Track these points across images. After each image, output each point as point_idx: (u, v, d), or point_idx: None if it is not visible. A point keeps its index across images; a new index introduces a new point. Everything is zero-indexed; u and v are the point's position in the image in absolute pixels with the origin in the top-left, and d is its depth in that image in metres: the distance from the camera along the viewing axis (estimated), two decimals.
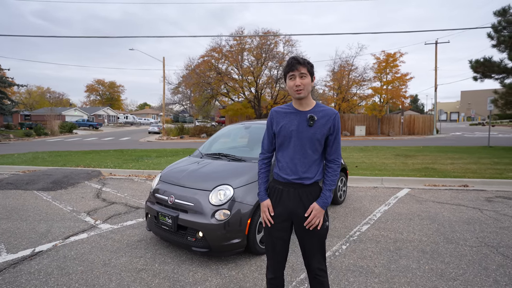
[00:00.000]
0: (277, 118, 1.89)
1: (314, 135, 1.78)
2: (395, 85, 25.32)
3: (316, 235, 1.83)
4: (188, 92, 38.01)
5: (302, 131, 1.79)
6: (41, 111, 48.69)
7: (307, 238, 1.85)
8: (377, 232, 3.88)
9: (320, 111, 1.81)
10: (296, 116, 1.82)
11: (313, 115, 1.78)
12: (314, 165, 1.82)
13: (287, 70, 1.79)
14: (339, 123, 1.82)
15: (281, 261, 1.92)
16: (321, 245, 1.86)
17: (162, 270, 2.94)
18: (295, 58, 1.77)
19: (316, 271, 1.86)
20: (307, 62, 1.78)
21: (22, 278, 2.80)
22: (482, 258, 3.12)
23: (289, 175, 1.82)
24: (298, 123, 1.80)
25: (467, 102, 67.99)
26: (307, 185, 1.82)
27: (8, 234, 3.88)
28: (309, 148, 1.79)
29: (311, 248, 1.85)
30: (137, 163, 9.90)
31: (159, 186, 3.55)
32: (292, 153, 1.82)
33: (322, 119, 1.79)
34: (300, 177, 1.81)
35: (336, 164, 1.85)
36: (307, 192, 1.82)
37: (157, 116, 75.98)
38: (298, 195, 1.82)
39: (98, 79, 71.01)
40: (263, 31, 26.37)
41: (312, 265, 1.86)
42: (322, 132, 1.78)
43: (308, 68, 1.77)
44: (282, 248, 1.89)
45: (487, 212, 4.66)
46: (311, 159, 1.81)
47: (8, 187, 6.52)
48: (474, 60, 14.38)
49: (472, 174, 7.30)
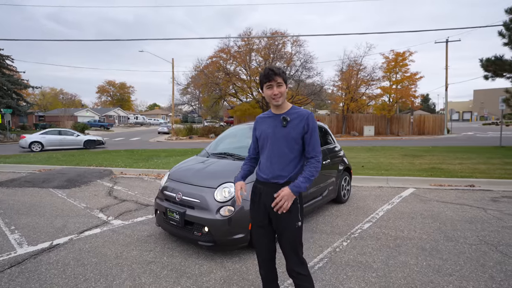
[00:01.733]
0: (259, 124, 2.07)
1: (289, 134, 1.90)
2: (404, 84, 25.09)
3: (287, 235, 1.89)
4: (197, 93, 38.46)
5: (278, 131, 1.93)
6: (54, 112, 50.03)
7: (280, 237, 1.94)
8: (378, 230, 3.97)
9: (294, 112, 1.95)
10: (273, 119, 1.99)
11: (286, 116, 1.93)
12: (291, 164, 1.92)
13: (264, 80, 1.91)
14: (313, 123, 1.92)
15: (269, 258, 2.04)
16: (294, 246, 1.90)
17: (170, 263, 3.12)
18: (271, 69, 1.90)
19: (292, 273, 1.92)
20: (282, 72, 1.92)
21: (42, 268, 3.02)
22: (481, 255, 3.19)
23: (267, 174, 1.96)
24: (274, 125, 1.96)
25: (480, 101, 66.50)
26: (281, 184, 1.91)
27: (28, 228, 4.13)
28: (286, 147, 1.91)
29: (284, 248, 1.93)
30: (147, 162, 10.18)
31: (167, 184, 3.73)
32: (269, 153, 1.95)
33: (296, 120, 1.92)
34: (276, 176, 1.92)
35: (316, 159, 1.89)
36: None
37: (167, 116, 77.00)
38: (273, 192, 1.89)
39: (109, 80, 72.58)
40: (271, 32, 26.50)
41: (288, 266, 1.93)
42: (296, 131, 1.90)
43: (284, 77, 1.92)
44: (267, 245, 2.02)
45: (491, 211, 4.68)
46: (287, 158, 1.91)
47: (26, 185, 6.85)
48: (485, 59, 14.16)
49: (480, 174, 7.26)
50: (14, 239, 3.75)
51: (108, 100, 74.57)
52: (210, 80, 26.93)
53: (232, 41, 27.13)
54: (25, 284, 2.72)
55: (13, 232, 4.00)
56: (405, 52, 24.63)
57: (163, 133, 35.31)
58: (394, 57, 24.83)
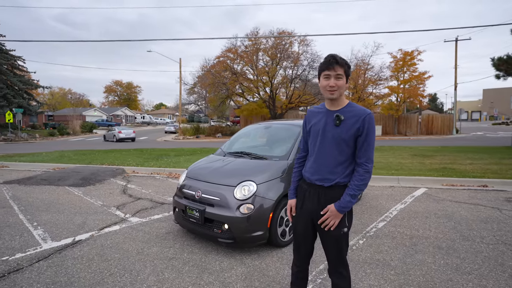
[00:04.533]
0: (310, 118, 1.92)
1: (340, 135, 1.73)
2: (412, 84, 24.89)
3: (332, 240, 1.83)
4: (204, 92, 38.63)
5: (328, 130, 1.77)
6: (63, 112, 50.80)
7: (324, 241, 1.89)
8: (393, 228, 4.00)
9: (350, 111, 1.75)
10: (325, 115, 1.81)
11: (339, 114, 1.74)
12: (339, 167, 1.77)
13: (323, 67, 1.72)
14: (370, 124, 1.71)
15: (305, 256, 1.99)
16: (338, 248, 1.84)
17: (191, 259, 3.19)
18: (334, 56, 1.71)
19: (333, 272, 1.89)
20: (345, 63, 1.71)
21: (68, 262, 3.12)
22: (499, 254, 3.20)
23: (312, 175, 1.85)
24: (325, 122, 1.79)
25: (490, 101, 65.41)
26: (326, 187, 1.80)
27: (50, 225, 4.26)
28: (335, 148, 1.76)
29: (327, 249, 1.88)
30: (157, 161, 10.31)
31: (186, 182, 3.81)
32: (317, 153, 1.83)
33: (351, 120, 1.72)
34: (322, 178, 1.81)
35: (364, 169, 1.73)
36: (326, 194, 1.81)
37: (173, 116, 77.47)
38: (317, 196, 1.83)
39: (116, 80, 73.31)
40: (278, 31, 26.49)
41: (330, 265, 1.91)
42: (349, 132, 1.72)
43: (345, 69, 1.71)
44: (305, 244, 1.96)
45: (507, 212, 4.67)
46: (336, 161, 1.77)
47: (42, 183, 7.02)
48: (497, 58, 14.01)
49: (493, 174, 7.21)
50: (38, 235, 3.88)
51: (115, 99, 75.37)
52: (217, 79, 27.05)
53: (239, 41, 27.23)
54: (54, 277, 2.83)
55: (36, 228, 4.12)
56: (413, 51, 24.44)
57: (170, 133, 35.61)
58: (402, 56, 24.64)
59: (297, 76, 27.20)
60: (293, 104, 27.42)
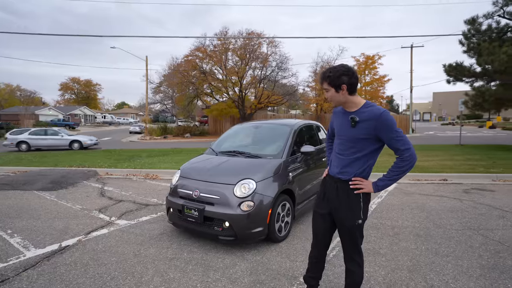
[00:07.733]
0: (333, 118, 2.14)
1: (355, 136, 1.89)
2: (374, 86, 26.57)
3: (347, 230, 1.98)
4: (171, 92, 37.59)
5: (345, 130, 1.95)
6: (13, 110, 46.28)
7: (340, 231, 2.05)
8: (375, 220, 4.34)
9: (364, 111, 1.88)
10: (343, 116, 1.99)
11: (354, 116, 1.88)
12: (356, 162, 1.94)
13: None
14: (387, 121, 1.81)
15: (322, 242, 2.17)
16: (353, 238, 1.99)
17: (192, 258, 3.21)
18: (320, 73, 1.96)
19: (348, 259, 2.06)
20: (327, 76, 1.88)
21: (61, 269, 2.97)
22: (467, 238, 3.65)
23: (333, 169, 2.05)
24: (342, 123, 1.98)
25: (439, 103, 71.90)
26: (344, 180, 1.97)
27: (27, 232, 3.97)
28: (353, 147, 1.93)
29: (343, 238, 2.05)
30: (131, 162, 9.92)
31: (180, 182, 3.80)
32: (337, 149, 2.04)
33: (365, 121, 1.86)
34: (340, 172, 1.99)
35: (399, 159, 1.85)
36: (343, 187, 1.97)
37: (137, 115, 74.26)
38: (336, 189, 2.01)
39: (73, 77, 68.38)
40: (247, 32, 26.67)
41: (345, 253, 2.07)
42: (366, 132, 1.86)
43: (329, 81, 1.88)
44: (322, 232, 2.13)
45: (466, 201, 5.27)
46: (353, 157, 1.94)
47: (5, 188, 6.44)
48: (448, 65, 15.49)
49: (449, 169, 8.05)
50: (17, 243, 3.61)
51: (73, 98, 70.25)
52: (185, 79, 26.52)
53: (208, 40, 26.96)
54: (48, 285, 2.68)
55: (12, 236, 3.82)
56: (374, 55, 26.15)
57: (135, 133, 34.13)
58: (365, 60, 26.23)
59: (266, 77, 27.60)
60: (262, 105, 27.78)
